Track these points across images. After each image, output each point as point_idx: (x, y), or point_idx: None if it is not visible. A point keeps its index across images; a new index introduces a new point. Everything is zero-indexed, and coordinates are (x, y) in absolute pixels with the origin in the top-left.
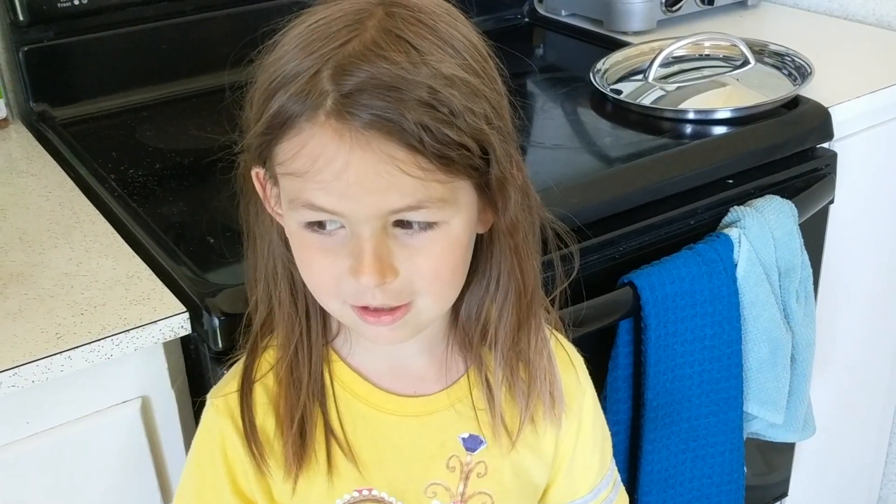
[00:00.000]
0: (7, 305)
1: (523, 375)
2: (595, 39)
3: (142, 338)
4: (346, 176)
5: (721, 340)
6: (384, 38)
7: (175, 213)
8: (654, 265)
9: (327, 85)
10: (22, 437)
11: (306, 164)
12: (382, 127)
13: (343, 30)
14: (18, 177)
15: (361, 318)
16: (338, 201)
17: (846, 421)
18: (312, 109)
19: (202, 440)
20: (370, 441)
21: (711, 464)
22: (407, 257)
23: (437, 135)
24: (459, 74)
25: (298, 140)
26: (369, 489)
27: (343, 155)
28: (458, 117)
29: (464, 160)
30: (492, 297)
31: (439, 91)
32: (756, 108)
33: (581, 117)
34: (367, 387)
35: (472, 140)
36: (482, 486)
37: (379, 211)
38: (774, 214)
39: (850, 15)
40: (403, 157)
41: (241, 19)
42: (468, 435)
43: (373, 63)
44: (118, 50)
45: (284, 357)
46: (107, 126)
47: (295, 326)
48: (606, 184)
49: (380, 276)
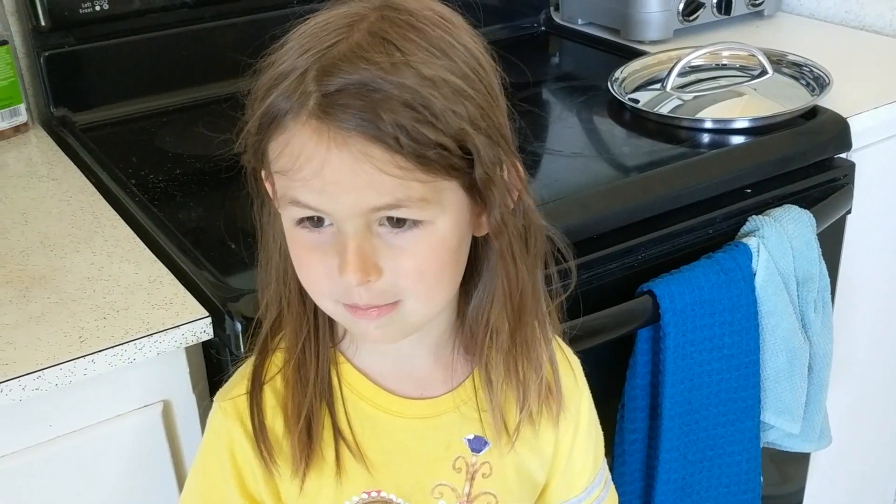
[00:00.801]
0: (30, 309)
1: (521, 377)
2: (612, 48)
3: (164, 342)
4: (323, 174)
5: (739, 349)
6: (369, 41)
7: (196, 218)
8: (673, 274)
9: (311, 85)
10: (45, 439)
11: (289, 162)
12: (359, 126)
13: (334, 33)
14: (39, 181)
15: (350, 315)
16: (318, 198)
17: (862, 431)
18: (298, 108)
19: (209, 443)
20: (377, 443)
21: (728, 473)
22: (391, 257)
23: (413, 134)
24: (443, 76)
25: (283, 138)
26: (377, 491)
27: (321, 153)
28: (439, 118)
29: (443, 160)
30: (490, 299)
31: (418, 91)
32: (774, 118)
33: (599, 126)
34: (373, 389)
35: (452, 140)
36: (487, 487)
37: (358, 209)
38: (792, 224)
39: (868, 26)
40: (380, 155)
41: (260, 26)
42: (473, 436)
43: (354, 64)
44: (138, 56)
45: (292, 355)
46: (127, 131)
47: (303, 325)
48: (625, 192)
49: (362, 275)
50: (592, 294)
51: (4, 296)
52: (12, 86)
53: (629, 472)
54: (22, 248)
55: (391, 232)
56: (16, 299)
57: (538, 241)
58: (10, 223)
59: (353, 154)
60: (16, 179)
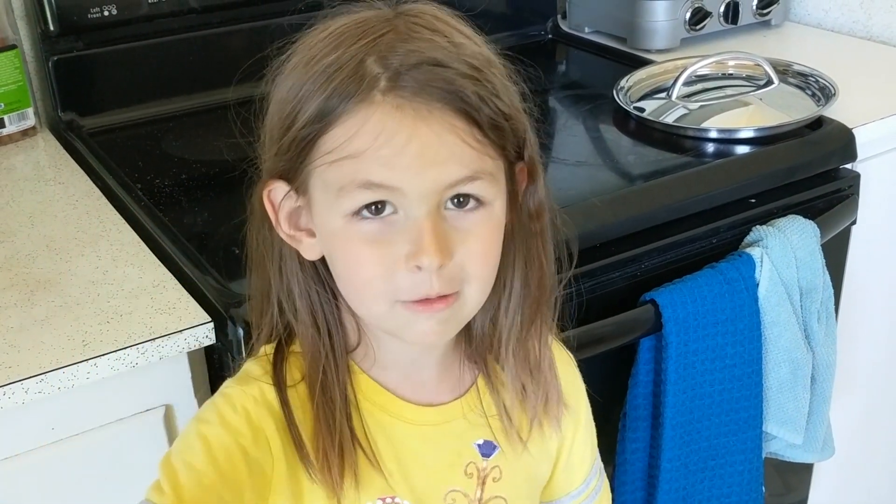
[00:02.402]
0: (34, 312)
1: (531, 380)
2: (618, 57)
3: (167, 347)
4: (409, 149)
5: (742, 359)
6: (418, 28)
7: (200, 223)
8: (677, 283)
9: (375, 68)
10: (47, 442)
11: (366, 142)
12: (443, 99)
13: (373, 28)
14: (46, 185)
15: (414, 313)
16: (400, 175)
17: (865, 442)
18: (365, 91)
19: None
20: (391, 450)
21: (730, 483)
22: (459, 240)
23: (489, 105)
24: (491, 57)
25: (352, 123)
26: (392, 497)
27: (406, 128)
28: (501, 94)
29: (510, 135)
30: (507, 298)
31: (481, 69)
32: (779, 128)
33: (604, 134)
34: (386, 396)
35: (509, 118)
36: (497, 491)
37: (438, 184)
38: (797, 234)
39: (875, 36)
40: (463, 127)
41: (267, 32)
42: (483, 441)
43: (414, 43)
44: (146, 61)
45: (315, 378)
46: (133, 136)
47: (319, 347)
48: (629, 201)
49: (442, 256)
50: (595, 303)
51: (9, 299)
52: (21, 90)
53: (630, 481)
54: (28, 251)
55: (457, 214)
56: (20, 302)
57: (556, 226)
58: (16, 226)
59: (440, 125)
60: (23, 183)
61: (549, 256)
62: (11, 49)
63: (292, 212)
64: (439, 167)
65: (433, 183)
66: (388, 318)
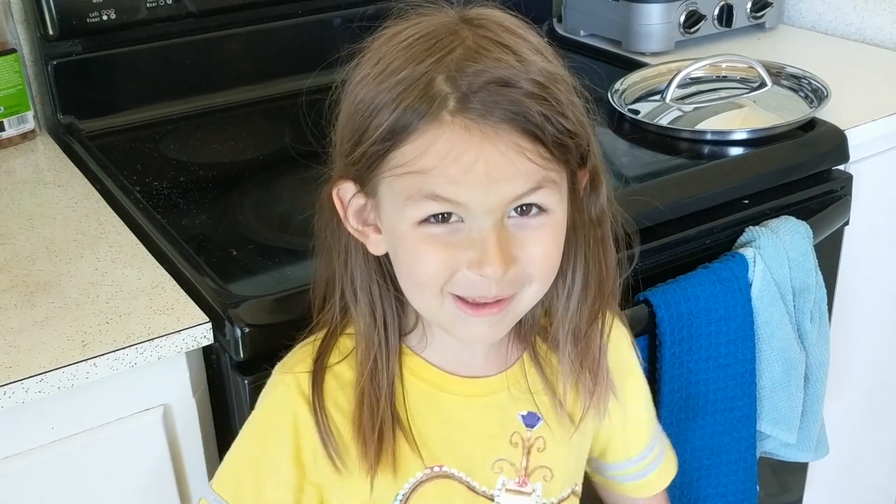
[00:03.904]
0: (34, 313)
1: (586, 374)
2: (613, 60)
3: (165, 347)
4: (476, 167)
5: (735, 359)
6: (486, 43)
7: (198, 225)
8: (670, 283)
9: (445, 87)
10: (47, 442)
11: (434, 160)
12: (510, 119)
13: (442, 41)
14: (45, 188)
15: (465, 314)
16: (466, 192)
17: (859, 442)
18: (435, 111)
19: (269, 412)
20: (438, 422)
21: (725, 482)
22: (521, 246)
23: (554, 124)
24: (557, 71)
25: (422, 142)
26: (440, 466)
27: (474, 148)
28: (566, 109)
29: (573, 150)
30: (567, 292)
31: (547, 86)
32: (772, 129)
33: (599, 136)
34: (433, 371)
35: (579, 130)
36: (542, 461)
37: (504, 199)
38: (789, 235)
39: (868, 39)
40: (529, 146)
41: (264, 36)
42: (527, 412)
43: (483, 62)
44: (145, 64)
45: (365, 365)
46: (132, 139)
47: (374, 336)
48: (623, 203)
49: (505, 267)
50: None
51: (9, 300)
52: (20, 93)
53: None
54: (27, 253)
55: (519, 222)
56: (20, 304)
57: (617, 227)
58: (16, 228)
59: (507, 144)
60: (22, 185)
61: (609, 262)
62: (11, 53)
63: (360, 209)
64: (504, 184)
65: (498, 198)
66: (440, 313)
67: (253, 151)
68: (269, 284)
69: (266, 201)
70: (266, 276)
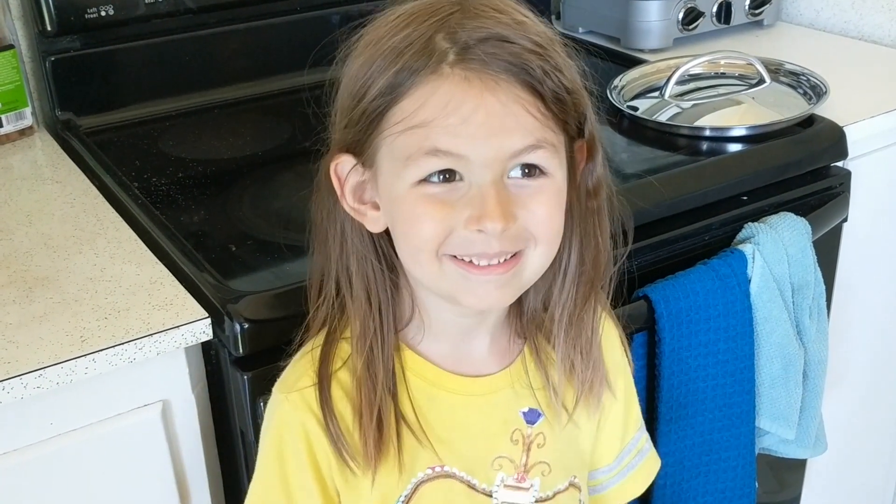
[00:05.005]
0: (33, 309)
1: (580, 358)
2: (612, 57)
3: (164, 342)
4: (475, 118)
5: (734, 355)
6: (481, 9)
7: (197, 221)
8: (669, 279)
9: (444, 43)
10: (46, 437)
11: (434, 111)
12: (509, 71)
13: (442, 8)
14: (44, 184)
15: (469, 274)
16: (466, 143)
17: (858, 438)
18: (435, 64)
19: (281, 433)
20: (440, 421)
21: (724, 478)
22: (522, 205)
23: (553, 79)
24: (553, 36)
25: (421, 93)
26: (441, 466)
27: (473, 98)
28: (563, 70)
29: (571, 110)
30: (561, 276)
31: (545, 46)
32: (771, 126)
33: (598, 134)
34: (435, 370)
35: (577, 88)
36: (541, 456)
37: (503, 152)
38: (788, 231)
39: (866, 36)
40: (528, 98)
41: (263, 33)
42: (528, 409)
43: (481, 20)
44: (143, 61)
45: (361, 353)
46: (130, 135)
47: (369, 322)
48: (622, 199)
49: (505, 220)
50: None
51: (8, 296)
52: (18, 89)
53: None
54: (26, 248)
55: (520, 182)
56: (19, 299)
57: (612, 204)
58: (14, 224)
59: (507, 95)
60: (20, 182)
61: (605, 234)
62: (9, 49)
63: (357, 185)
64: (504, 136)
65: (498, 150)
66: (442, 280)
67: (252, 147)
68: (268, 280)
69: (265, 197)
70: (265, 272)
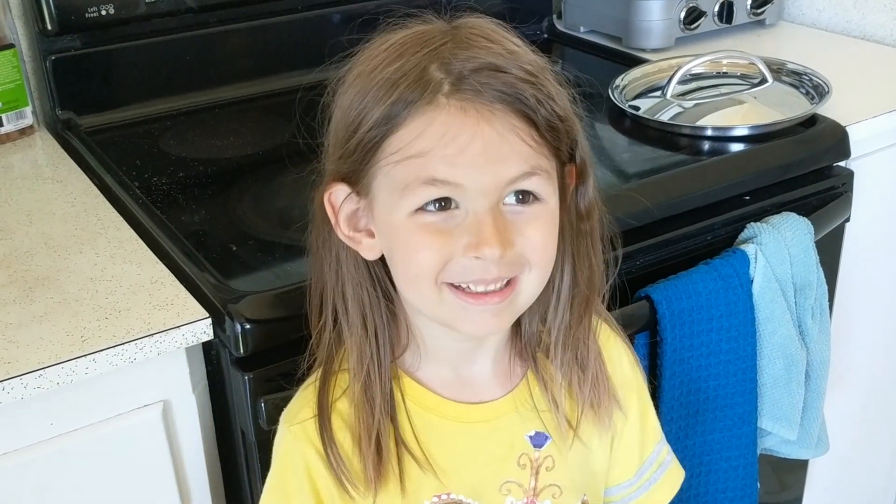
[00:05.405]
0: (33, 308)
1: (579, 375)
2: (614, 56)
3: (165, 342)
4: (473, 147)
5: (736, 355)
6: (474, 39)
7: (198, 221)
8: (671, 279)
9: (439, 73)
10: (46, 437)
11: (431, 142)
12: (503, 101)
13: (433, 38)
14: (44, 183)
15: (466, 304)
16: (463, 172)
17: (860, 439)
18: (430, 95)
19: (285, 465)
20: (443, 449)
21: (725, 479)
22: (517, 231)
23: (546, 108)
24: (544, 65)
25: (418, 124)
26: (447, 493)
27: (470, 128)
28: (555, 98)
29: (564, 136)
30: (556, 297)
31: (537, 74)
32: (773, 125)
33: (599, 133)
34: (436, 399)
35: (569, 116)
36: (551, 479)
37: (500, 180)
38: (791, 231)
39: (869, 35)
40: (523, 127)
41: (264, 32)
42: (534, 432)
43: (474, 50)
44: (143, 60)
45: (358, 378)
46: (131, 135)
47: (365, 348)
48: (624, 199)
49: (503, 247)
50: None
51: (8, 295)
52: (18, 89)
53: None
54: (26, 248)
55: (515, 208)
56: (19, 299)
57: (604, 223)
58: (14, 224)
59: (502, 125)
60: (21, 181)
61: (598, 255)
62: (9, 48)
63: (352, 214)
64: (501, 164)
65: (495, 179)
66: (440, 307)
67: (252, 147)
68: (269, 280)
69: (266, 197)
70: (266, 272)
